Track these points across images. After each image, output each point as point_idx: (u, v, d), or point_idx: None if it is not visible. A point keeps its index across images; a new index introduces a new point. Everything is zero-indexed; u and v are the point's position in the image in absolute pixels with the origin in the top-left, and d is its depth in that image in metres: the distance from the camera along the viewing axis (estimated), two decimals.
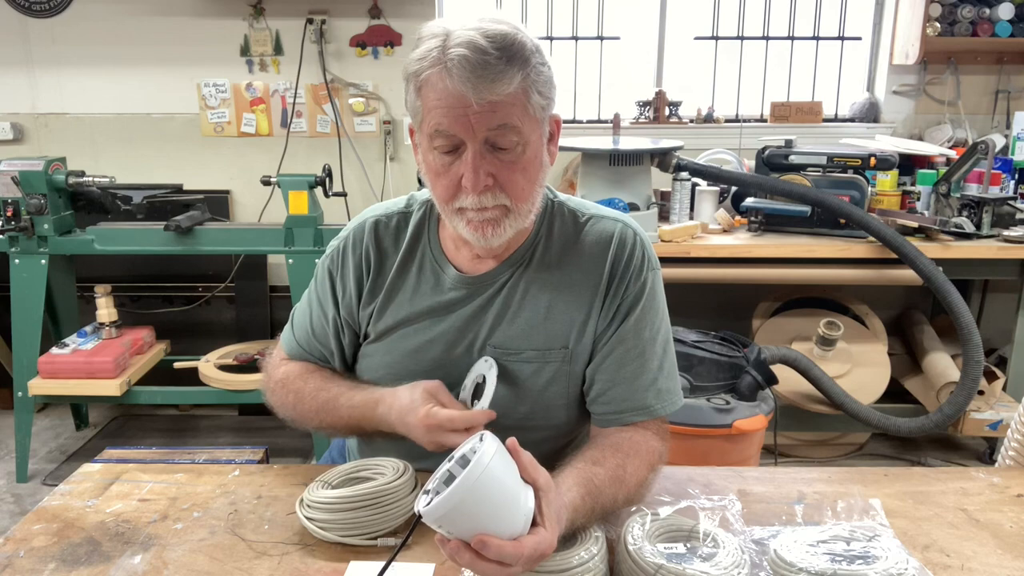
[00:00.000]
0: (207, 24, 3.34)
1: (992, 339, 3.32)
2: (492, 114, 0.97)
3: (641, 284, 1.14)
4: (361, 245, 1.19)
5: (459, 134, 0.98)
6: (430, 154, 1.03)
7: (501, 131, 0.98)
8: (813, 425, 2.86)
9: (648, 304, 1.14)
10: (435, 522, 0.79)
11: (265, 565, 0.96)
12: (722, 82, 3.59)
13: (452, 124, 0.97)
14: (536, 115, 1.01)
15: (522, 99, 0.98)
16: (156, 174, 3.44)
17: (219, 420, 3.41)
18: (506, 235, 1.06)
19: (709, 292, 3.21)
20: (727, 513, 0.97)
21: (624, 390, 1.12)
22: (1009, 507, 1.10)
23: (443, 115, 0.97)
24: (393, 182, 3.49)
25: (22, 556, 0.97)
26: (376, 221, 1.20)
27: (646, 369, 1.13)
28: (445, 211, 1.07)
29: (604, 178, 2.69)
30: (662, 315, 1.17)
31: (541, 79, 1.01)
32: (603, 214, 1.18)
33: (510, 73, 0.96)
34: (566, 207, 1.18)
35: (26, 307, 2.80)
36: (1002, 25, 3.17)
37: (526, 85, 0.98)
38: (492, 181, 1.01)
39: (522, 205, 1.04)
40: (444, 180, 1.03)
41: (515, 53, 0.97)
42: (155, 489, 1.14)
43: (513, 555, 0.79)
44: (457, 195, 1.03)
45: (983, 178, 2.74)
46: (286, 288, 3.16)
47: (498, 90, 0.95)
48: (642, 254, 1.15)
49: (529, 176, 1.04)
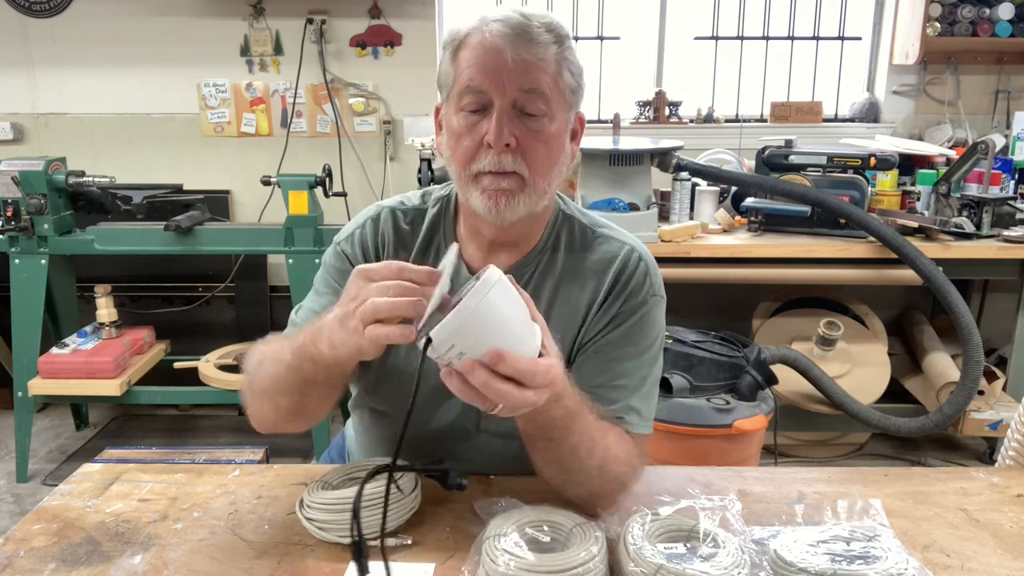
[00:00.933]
0: (207, 24, 3.34)
1: (992, 339, 3.32)
2: (525, 75, 0.98)
3: (638, 303, 1.10)
4: (378, 229, 1.16)
5: (489, 91, 0.98)
6: (456, 116, 1.02)
7: (531, 96, 0.99)
8: (813, 425, 2.86)
9: (640, 324, 1.10)
10: (447, 340, 0.74)
11: (265, 565, 0.95)
12: (722, 82, 3.59)
13: (484, 80, 0.98)
14: (566, 96, 1.02)
15: (555, 71, 1.00)
16: (156, 174, 3.44)
17: (219, 420, 3.41)
18: (519, 211, 1.03)
19: (709, 292, 3.21)
20: (727, 513, 0.97)
21: (594, 397, 1.04)
22: (1009, 507, 1.10)
23: (476, 71, 0.98)
24: (393, 182, 3.49)
25: (22, 556, 0.97)
26: (393, 209, 1.17)
27: (620, 385, 1.08)
28: (462, 179, 1.04)
29: (604, 178, 2.69)
30: (652, 340, 1.11)
31: (574, 61, 1.03)
32: (613, 235, 1.16)
33: (548, 40, 0.98)
34: (577, 221, 1.16)
35: (26, 307, 2.80)
36: (1002, 25, 3.17)
37: (560, 59, 1.00)
38: (515, 143, 0.99)
39: (539, 181, 1.02)
40: (466, 140, 1.01)
41: (554, 28, 1.00)
42: (155, 489, 1.14)
43: (528, 371, 0.77)
44: (477, 157, 1.01)
45: (983, 178, 2.74)
46: (286, 288, 3.16)
47: (535, 51, 0.97)
48: (644, 278, 1.12)
49: (551, 152, 1.03)
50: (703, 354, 2.29)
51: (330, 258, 1.17)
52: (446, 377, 0.78)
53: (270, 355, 1.03)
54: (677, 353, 2.28)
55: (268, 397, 1.03)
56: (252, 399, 1.07)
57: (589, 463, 0.97)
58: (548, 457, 0.97)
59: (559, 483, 1.02)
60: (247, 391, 1.07)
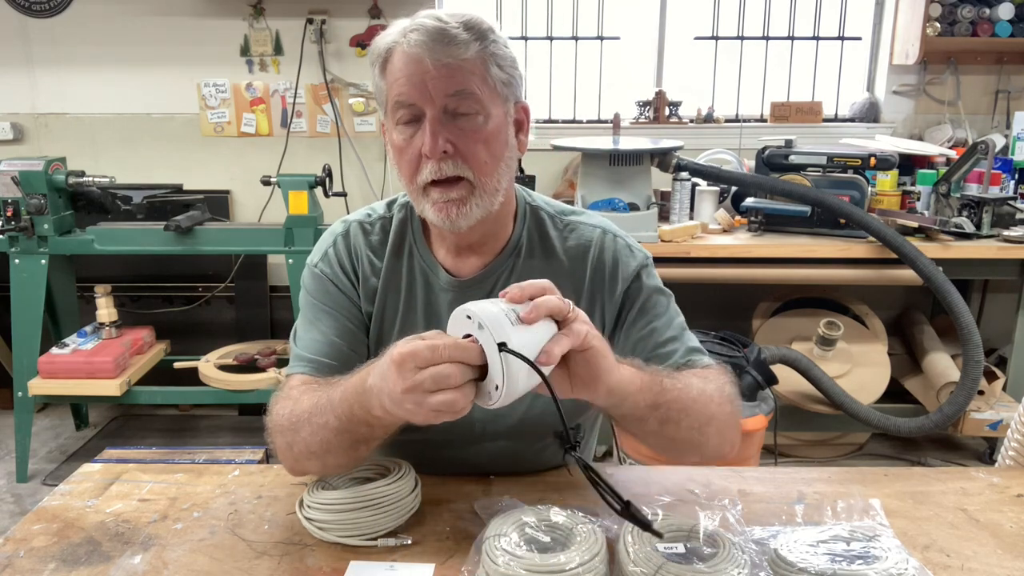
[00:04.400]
0: (207, 24, 3.34)
1: (992, 339, 3.32)
2: (450, 79, 0.97)
3: (638, 283, 1.14)
4: (349, 244, 1.15)
5: (418, 102, 0.98)
6: (394, 131, 1.02)
7: (459, 98, 0.98)
8: (813, 425, 2.86)
9: (648, 291, 1.14)
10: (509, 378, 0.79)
11: (265, 565, 0.95)
12: (722, 82, 3.59)
13: (411, 91, 0.98)
14: (499, 90, 1.01)
15: (481, 68, 0.99)
16: (156, 174, 3.44)
17: (219, 420, 3.41)
18: (473, 216, 1.02)
19: (709, 292, 3.21)
20: (727, 513, 0.97)
21: (655, 361, 1.08)
22: (1009, 507, 1.10)
23: (403, 84, 0.98)
24: (393, 182, 3.48)
25: (22, 556, 0.97)
26: (360, 223, 1.17)
27: (667, 339, 1.11)
28: (412, 193, 1.05)
29: (604, 178, 2.69)
30: (666, 295, 1.16)
31: (501, 54, 1.01)
32: (580, 220, 1.17)
33: (467, 40, 0.97)
34: (542, 211, 1.17)
35: (26, 307, 2.80)
36: (1002, 25, 3.17)
37: (484, 56, 0.99)
38: (452, 148, 0.99)
39: (486, 180, 1.02)
40: (407, 155, 1.01)
41: (473, 25, 0.99)
42: (155, 489, 1.14)
43: (559, 304, 0.82)
44: (419, 168, 1.01)
45: (983, 178, 2.74)
46: (286, 288, 3.16)
47: (455, 53, 0.96)
48: (628, 252, 1.15)
49: (492, 151, 1.02)
50: None
51: (310, 282, 1.15)
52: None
53: (306, 417, 0.98)
54: None
55: (316, 458, 1.00)
56: (290, 458, 1.03)
57: (687, 423, 0.99)
58: (654, 434, 1.00)
59: (676, 456, 1.06)
60: (284, 450, 1.03)
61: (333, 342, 1.10)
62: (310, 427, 0.97)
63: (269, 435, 1.05)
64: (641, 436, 1.02)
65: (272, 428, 1.04)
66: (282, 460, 1.05)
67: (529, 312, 0.80)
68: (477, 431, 1.15)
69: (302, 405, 0.99)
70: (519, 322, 0.80)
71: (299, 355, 1.11)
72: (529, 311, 0.81)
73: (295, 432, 0.99)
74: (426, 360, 0.77)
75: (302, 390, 1.03)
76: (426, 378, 0.77)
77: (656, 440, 1.03)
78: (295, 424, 0.99)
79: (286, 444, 1.02)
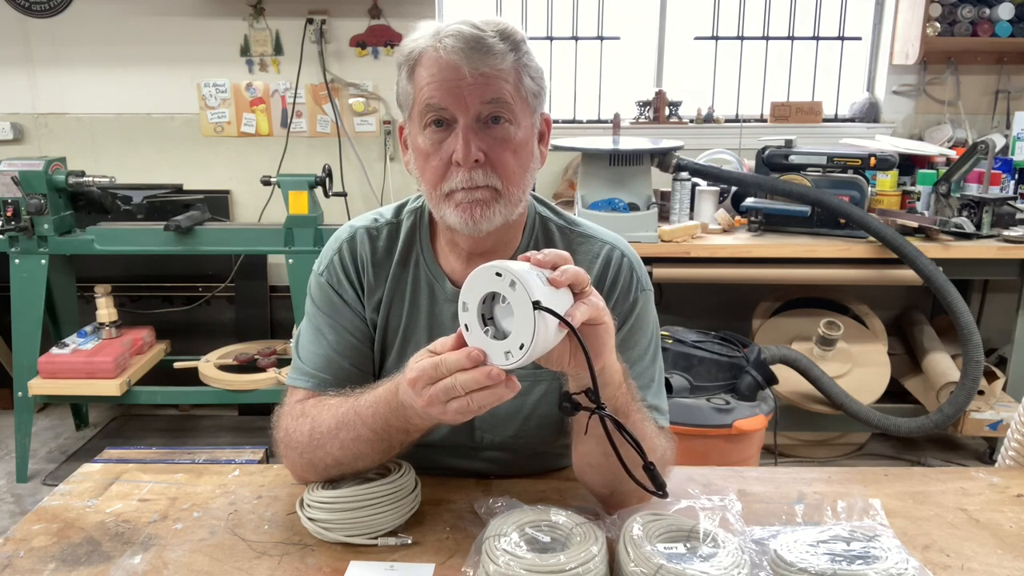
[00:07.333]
0: (207, 24, 3.34)
1: (992, 339, 3.32)
2: (486, 87, 0.96)
3: (630, 304, 1.11)
4: (355, 251, 1.13)
5: (451, 107, 0.97)
6: (420, 136, 1.01)
7: (494, 106, 0.98)
8: (813, 425, 2.86)
9: (637, 324, 1.11)
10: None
11: (265, 565, 0.96)
12: (722, 82, 3.59)
13: (444, 97, 0.97)
14: (528, 101, 1.01)
15: (515, 78, 0.99)
16: (156, 174, 3.44)
17: (219, 420, 3.41)
18: (495, 221, 1.01)
19: (709, 292, 3.21)
20: (727, 513, 0.97)
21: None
22: (1009, 507, 1.10)
23: (435, 88, 0.97)
24: (393, 182, 3.49)
25: (22, 556, 0.97)
26: (367, 229, 1.15)
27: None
28: (434, 198, 1.03)
29: (604, 178, 2.69)
30: (651, 336, 1.13)
31: (532, 65, 1.02)
32: (591, 233, 1.15)
33: (504, 50, 0.97)
34: (552, 223, 1.16)
35: (26, 307, 2.80)
36: (1002, 25, 3.17)
37: (519, 66, 0.99)
38: (483, 157, 0.98)
39: (513, 190, 1.02)
40: (434, 160, 1.00)
41: (509, 35, 0.98)
42: (155, 489, 1.14)
43: (575, 272, 0.83)
44: (447, 175, 1.00)
45: (983, 178, 2.74)
46: (286, 288, 3.16)
47: (492, 63, 0.96)
48: (630, 276, 1.12)
49: (520, 160, 1.02)
50: (703, 354, 2.29)
51: (315, 290, 1.15)
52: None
53: (332, 434, 1.00)
54: (677, 353, 2.28)
55: (344, 466, 1.02)
56: (311, 472, 1.05)
57: (645, 429, 0.99)
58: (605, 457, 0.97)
59: (594, 478, 1.03)
60: (304, 466, 1.05)
61: (334, 359, 1.11)
62: (338, 442, 1.00)
63: (279, 448, 1.07)
64: (586, 447, 0.99)
65: (286, 443, 1.06)
66: (297, 472, 1.08)
67: (559, 275, 0.82)
68: (476, 439, 1.15)
69: (324, 423, 1.01)
70: (547, 284, 0.82)
71: (302, 368, 1.12)
72: (559, 274, 0.82)
73: (318, 448, 1.02)
74: (432, 378, 0.83)
75: (316, 407, 1.05)
76: (439, 392, 0.82)
77: (596, 457, 0.99)
78: (319, 441, 1.01)
79: (307, 461, 1.04)
